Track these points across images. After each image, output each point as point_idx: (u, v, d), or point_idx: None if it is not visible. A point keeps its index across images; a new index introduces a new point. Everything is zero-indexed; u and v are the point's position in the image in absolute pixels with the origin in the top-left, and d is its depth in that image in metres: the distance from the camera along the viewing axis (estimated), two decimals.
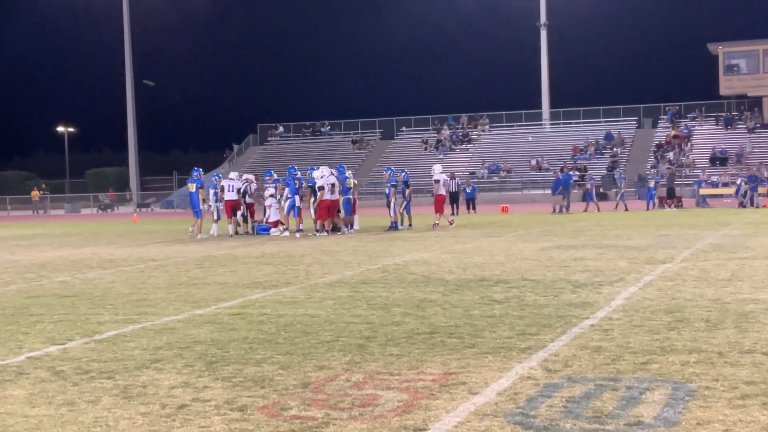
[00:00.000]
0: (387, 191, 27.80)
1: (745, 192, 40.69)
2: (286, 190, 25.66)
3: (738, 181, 42.61)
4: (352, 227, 26.48)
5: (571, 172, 46.34)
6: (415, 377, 6.84)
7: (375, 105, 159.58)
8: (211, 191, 28.22)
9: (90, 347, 8.50)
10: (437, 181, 28.46)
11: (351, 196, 26.68)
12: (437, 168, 29.18)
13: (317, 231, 25.22)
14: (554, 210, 38.81)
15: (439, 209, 28.45)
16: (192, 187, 26.89)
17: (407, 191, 27.67)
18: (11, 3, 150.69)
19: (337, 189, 25.19)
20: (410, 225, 27.68)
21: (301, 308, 10.73)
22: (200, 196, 26.55)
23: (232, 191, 26.65)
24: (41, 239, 28.64)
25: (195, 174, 27.26)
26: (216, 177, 29.41)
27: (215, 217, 28.10)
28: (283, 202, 25.99)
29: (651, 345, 7.85)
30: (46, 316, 10.68)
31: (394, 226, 27.16)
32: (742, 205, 40.33)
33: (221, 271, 15.65)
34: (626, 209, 39.84)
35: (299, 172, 26.42)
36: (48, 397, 6.53)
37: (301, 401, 6.19)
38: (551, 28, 76.64)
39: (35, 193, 71.35)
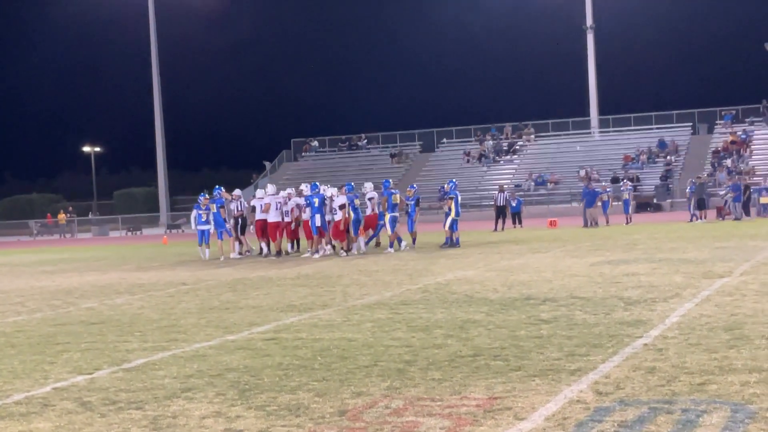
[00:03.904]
0: (451, 205, 27.36)
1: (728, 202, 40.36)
2: (308, 208, 25.63)
3: (722, 192, 41.98)
4: (402, 243, 26.48)
5: (595, 186, 46.56)
6: (458, 403, 6.83)
7: (414, 116, 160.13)
8: (193, 213, 27.71)
9: (118, 376, 8.57)
10: (342, 206, 25.24)
11: (396, 214, 26.68)
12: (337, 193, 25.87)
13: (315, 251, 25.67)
14: (586, 224, 38.51)
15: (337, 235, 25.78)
16: (213, 207, 27.03)
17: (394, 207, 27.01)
18: (35, 22, 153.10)
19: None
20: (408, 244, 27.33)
21: (338, 332, 10.75)
22: (222, 215, 26.64)
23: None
24: (67, 264, 28.95)
25: (216, 193, 27.41)
26: (201, 197, 28.32)
27: (199, 241, 27.38)
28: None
29: (708, 364, 7.78)
30: (73, 344, 10.79)
31: (448, 243, 26.99)
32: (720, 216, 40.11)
33: (254, 294, 15.73)
34: (607, 222, 39.65)
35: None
36: (75, 430, 6.60)
37: (338, 430, 6.20)
38: (598, 31, 76.42)
39: (62, 216, 72.09)
